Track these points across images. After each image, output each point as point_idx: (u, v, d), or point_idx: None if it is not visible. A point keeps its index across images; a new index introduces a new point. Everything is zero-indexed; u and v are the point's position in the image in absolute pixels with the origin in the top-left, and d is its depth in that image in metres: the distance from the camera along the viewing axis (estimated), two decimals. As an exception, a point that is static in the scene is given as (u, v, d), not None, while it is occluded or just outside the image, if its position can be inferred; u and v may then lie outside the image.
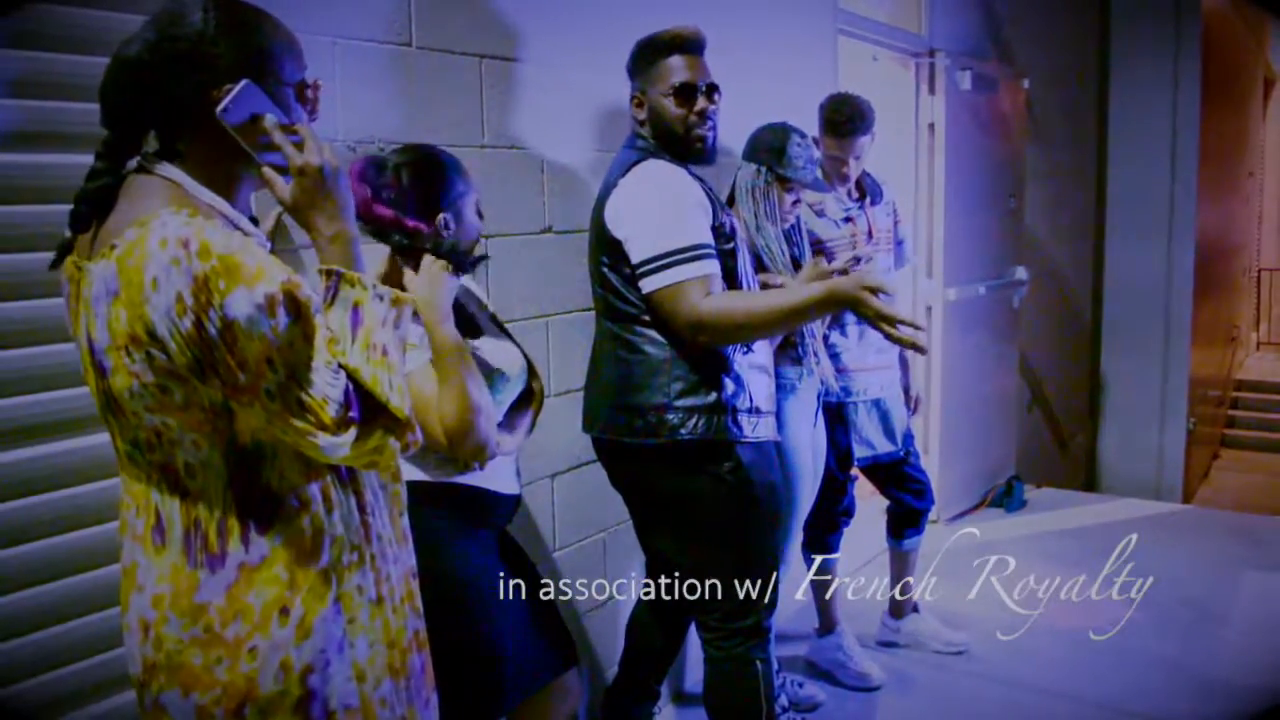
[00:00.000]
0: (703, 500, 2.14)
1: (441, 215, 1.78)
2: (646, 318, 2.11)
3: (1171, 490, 6.85)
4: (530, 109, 2.47)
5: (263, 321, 1.10)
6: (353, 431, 1.15)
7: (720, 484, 2.13)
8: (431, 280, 1.67)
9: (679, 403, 2.08)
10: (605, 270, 2.13)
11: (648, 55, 2.18)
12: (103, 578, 1.69)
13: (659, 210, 2.06)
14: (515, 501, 1.92)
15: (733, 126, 2.61)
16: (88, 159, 1.63)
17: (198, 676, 1.19)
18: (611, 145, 2.32)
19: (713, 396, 2.10)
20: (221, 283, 1.08)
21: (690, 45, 2.17)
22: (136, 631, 1.23)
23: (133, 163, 1.23)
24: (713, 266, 2.03)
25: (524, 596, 1.93)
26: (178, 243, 1.08)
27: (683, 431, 2.08)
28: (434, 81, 2.24)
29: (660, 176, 2.09)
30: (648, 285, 2.04)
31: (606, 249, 2.11)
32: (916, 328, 1.84)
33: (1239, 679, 3.19)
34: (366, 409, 1.18)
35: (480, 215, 1.88)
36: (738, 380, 2.14)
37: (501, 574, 1.88)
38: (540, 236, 2.48)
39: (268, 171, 1.22)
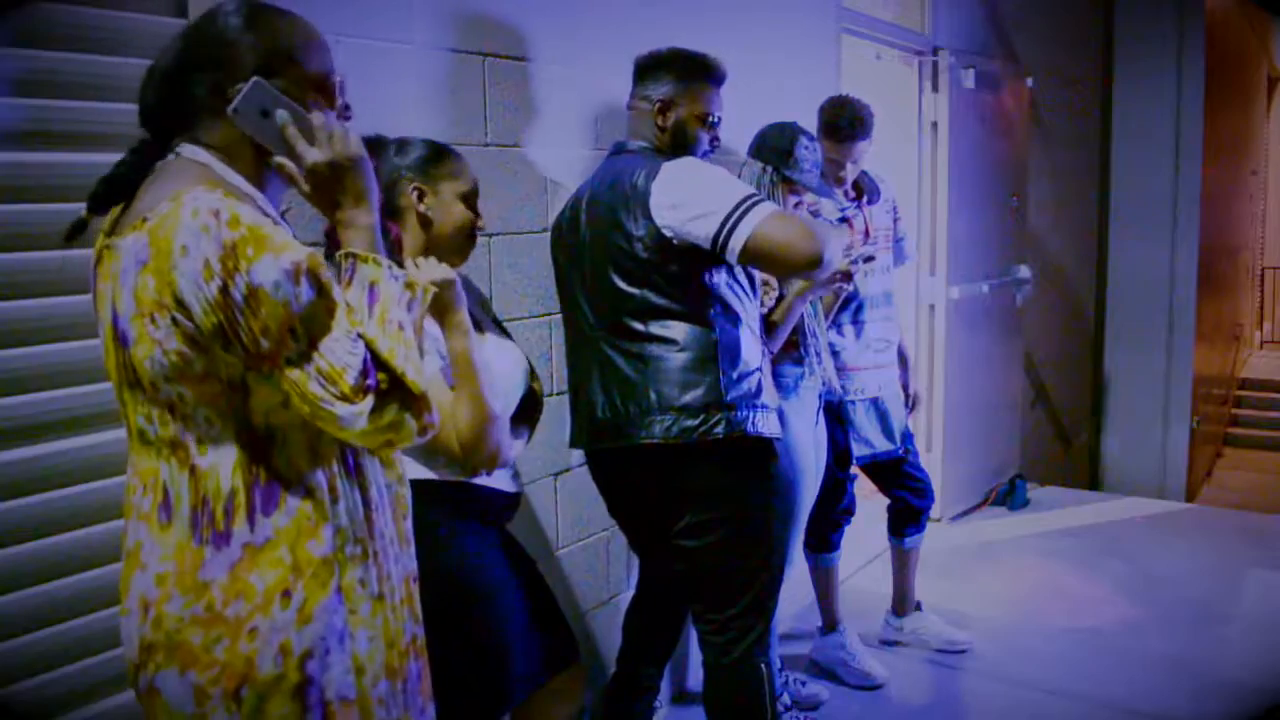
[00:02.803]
0: (749, 497, 2.15)
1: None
2: (688, 312, 2.09)
3: (1175, 489, 6.84)
4: (533, 108, 2.46)
5: (288, 288, 1.13)
6: (370, 400, 1.17)
7: (763, 479, 2.16)
8: (438, 271, 1.65)
9: (729, 397, 2.07)
10: (650, 268, 2.07)
11: (691, 73, 2.21)
12: (103, 577, 1.68)
13: (712, 183, 2.06)
14: (516, 500, 1.92)
15: (735, 125, 2.61)
16: (91, 158, 1.65)
17: (196, 655, 1.19)
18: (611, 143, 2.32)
19: (755, 392, 2.13)
20: (250, 249, 1.12)
21: (723, 79, 2.25)
22: (136, 612, 1.23)
23: (176, 150, 1.27)
24: (775, 205, 2.07)
25: (527, 594, 1.93)
26: (209, 212, 1.12)
27: (746, 429, 2.08)
28: (436, 80, 2.23)
29: (696, 162, 2.12)
30: (739, 238, 1.98)
31: (654, 246, 2.06)
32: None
33: (1242, 678, 3.19)
34: (382, 380, 1.20)
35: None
36: (764, 376, 2.17)
37: (505, 571, 1.89)
38: (542, 235, 2.47)
39: (287, 165, 1.26)
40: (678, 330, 2.09)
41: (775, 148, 2.52)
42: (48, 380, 1.64)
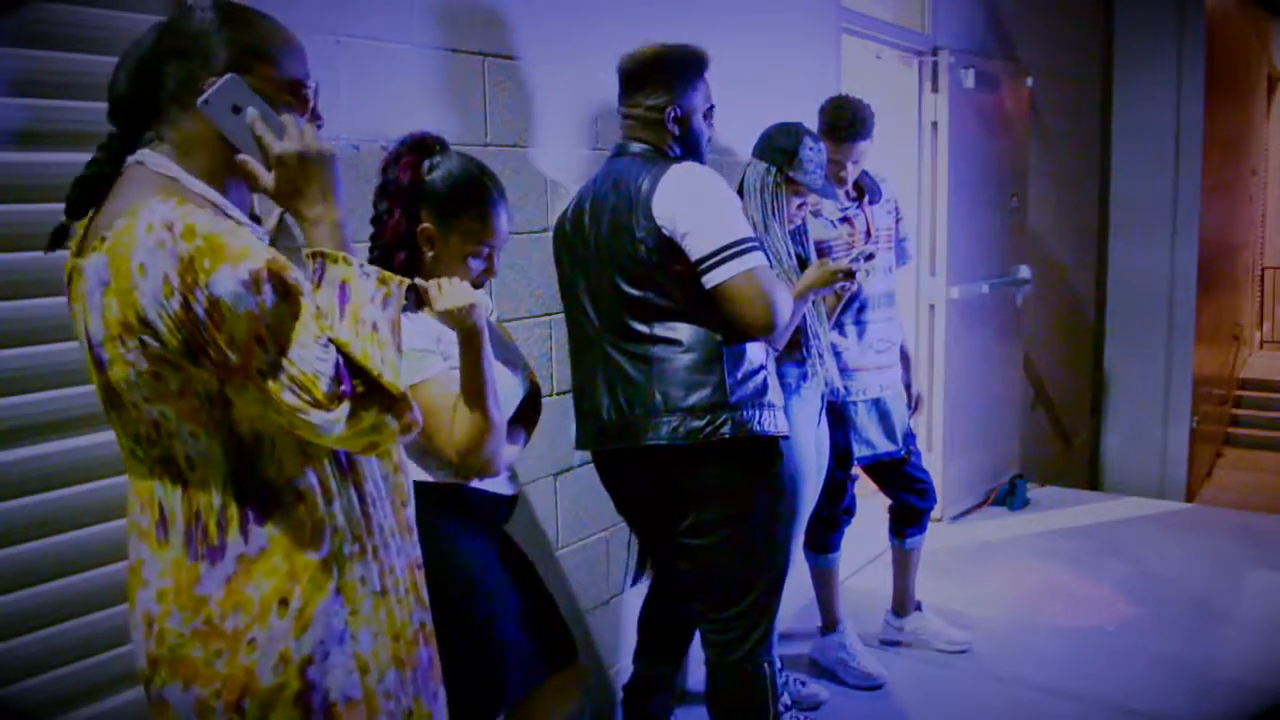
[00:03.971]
0: (753, 497, 2.16)
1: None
2: (692, 313, 2.09)
3: (1175, 489, 6.83)
4: (532, 107, 2.46)
5: (248, 298, 1.10)
6: (345, 407, 1.14)
7: (768, 479, 2.17)
8: (460, 296, 1.63)
9: (734, 398, 2.08)
10: (653, 269, 2.07)
11: (690, 72, 2.20)
12: (103, 577, 1.69)
13: (718, 205, 2.07)
14: (513, 501, 1.92)
15: (736, 125, 2.61)
16: (90, 157, 1.65)
17: (198, 669, 1.19)
18: (612, 144, 2.32)
19: (760, 391, 2.13)
20: (206, 261, 1.09)
21: (709, 65, 2.24)
22: (141, 627, 1.24)
23: (134, 158, 1.25)
24: (764, 258, 2.08)
25: (523, 595, 1.93)
26: (163, 226, 1.10)
27: (753, 428, 2.09)
28: (436, 80, 2.23)
29: (708, 175, 2.11)
30: (718, 276, 2.02)
31: (656, 248, 2.06)
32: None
33: (1241, 678, 3.19)
34: (359, 384, 1.17)
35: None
36: (770, 374, 2.18)
37: (502, 572, 1.89)
38: (542, 235, 2.47)
39: (250, 162, 1.23)
40: (682, 331, 2.09)
41: (780, 148, 2.51)
42: (47, 380, 1.64)
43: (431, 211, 1.78)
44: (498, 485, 1.85)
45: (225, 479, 1.20)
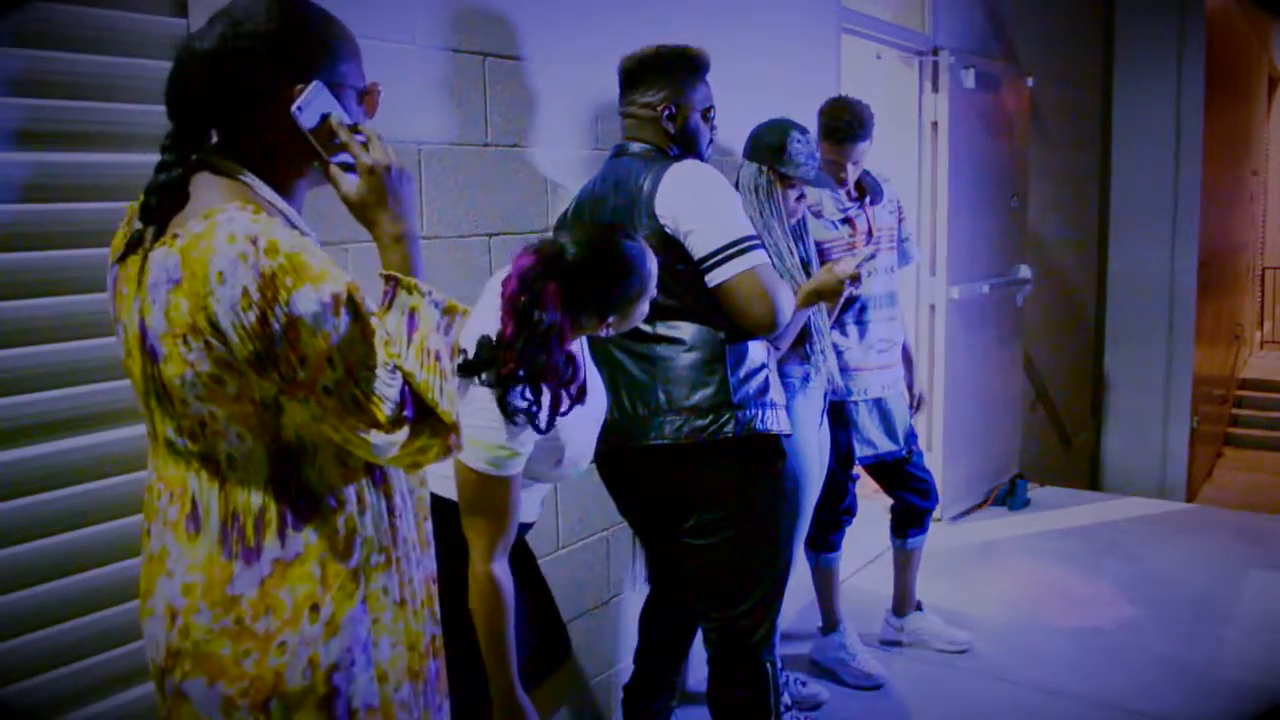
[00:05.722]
0: (756, 496, 2.16)
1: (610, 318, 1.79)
2: (695, 311, 2.09)
3: (1175, 489, 6.84)
4: (533, 107, 2.46)
5: (327, 320, 1.12)
6: (405, 431, 1.17)
7: (771, 478, 2.18)
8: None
9: (737, 397, 2.09)
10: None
11: (690, 72, 2.21)
12: (104, 577, 1.69)
13: (719, 203, 2.07)
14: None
15: (736, 125, 2.61)
16: (91, 158, 1.65)
17: (225, 667, 1.19)
18: (612, 144, 2.32)
19: (763, 389, 2.14)
20: (289, 280, 1.10)
21: (709, 67, 2.25)
22: (163, 617, 1.23)
23: (204, 174, 1.24)
24: (766, 256, 2.09)
25: (520, 595, 1.93)
26: (246, 239, 1.10)
27: (756, 426, 2.09)
28: (436, 80, 2.23)
29: (709, 173, 2.11)
30: (721, 274, 2.03)
31: (659, 247, 2.03)
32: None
33: (1242, 678, 3.19)
34: (417, 410, 1.19)
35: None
36: (771, 372, 2.19)
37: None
38: (543, 236, 2.47)
39: (334, 170, 1.25)
40: (685, 330, 2.10)
41: (768, 146, 2.51)
42: (49, 380, 1.64)
43: (611, 313, 1.79)
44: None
45: (265, 481, 1.21)
